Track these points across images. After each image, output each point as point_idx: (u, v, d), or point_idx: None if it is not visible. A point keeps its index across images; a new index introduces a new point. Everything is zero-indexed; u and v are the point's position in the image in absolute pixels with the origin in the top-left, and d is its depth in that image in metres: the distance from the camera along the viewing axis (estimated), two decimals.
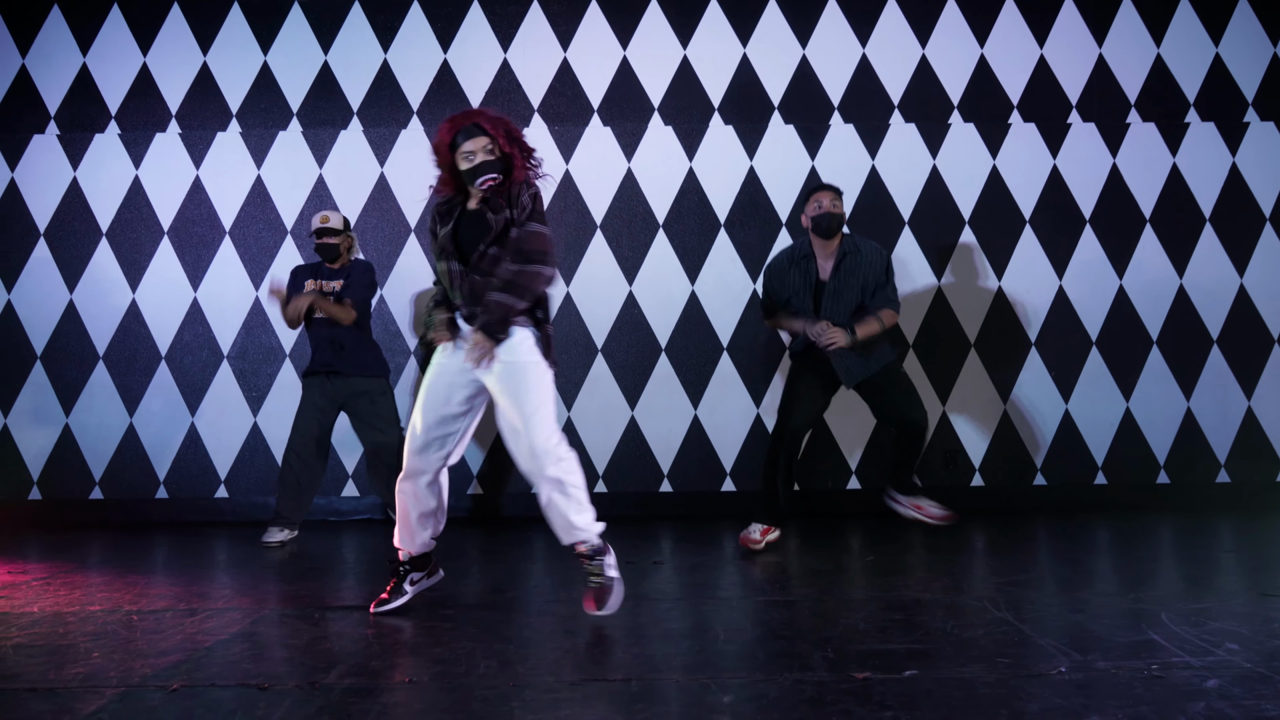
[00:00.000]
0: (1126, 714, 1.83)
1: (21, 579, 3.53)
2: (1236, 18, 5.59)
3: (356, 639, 2.53)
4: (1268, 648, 2.28)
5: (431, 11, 5.55)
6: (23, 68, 5.48)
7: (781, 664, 2.25)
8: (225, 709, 1.94)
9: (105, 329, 5.38)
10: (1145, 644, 2.34)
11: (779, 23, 5.57)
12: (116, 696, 2.03)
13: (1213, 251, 5.45)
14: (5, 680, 2.17)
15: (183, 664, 2.29)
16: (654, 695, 2.03)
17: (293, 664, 2.29)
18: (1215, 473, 5.36)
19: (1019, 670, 2.14)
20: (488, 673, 2.20)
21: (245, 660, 2.33)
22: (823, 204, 4.00)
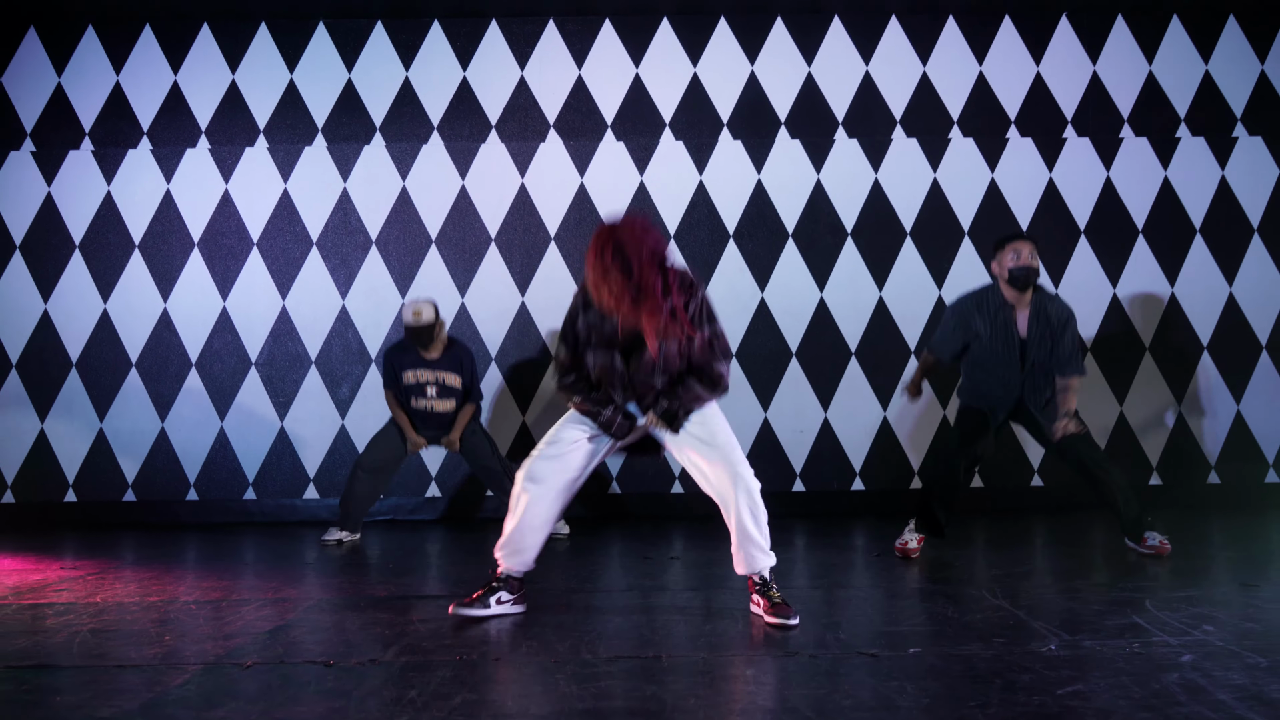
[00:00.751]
0: (1108, 683, 2.04)
1: (76, 574, 3.74)
2: (1225, 36, 5.82)
3: (404, 624, 2.74)
4: (1241, 629, 2.49)
5: (451, 31, 5.78)
6: (59, 86, 5.70)
7: (799, 643, 2.46)
8: (299, 681, 2.16)
9: (138, 337, 5.60)
10: (1129, 626, 2.55)
11: (785, 41, 5.79)
12: (199, 671, 2.24)
13: (1201, 261, 5.67)
14: (93, 659, 2.38)
15: (250, 645, 2.50)
16: (682, 669, 2.24)
17: (350, 644, 2.50)
18: (1206, 474, 5.57)
19: (1013, 648, 2.35)
20: (530, 651, 2.41)
21: (306, 641, 2.54)
22: (1021, 255, 3.81)
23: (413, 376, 4.72)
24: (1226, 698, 1.93)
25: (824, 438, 5.57)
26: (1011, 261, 3.83)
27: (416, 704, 1.97)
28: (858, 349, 5.61)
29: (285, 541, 4.69)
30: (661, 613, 2.89)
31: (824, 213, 5.68)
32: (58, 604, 3.11)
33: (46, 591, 3.35)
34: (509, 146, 5.71)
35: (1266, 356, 5.65)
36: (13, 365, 5.55)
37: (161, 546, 4.56)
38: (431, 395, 4.72)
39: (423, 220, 5.65)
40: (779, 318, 5.62)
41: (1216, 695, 1.95)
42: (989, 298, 3.94)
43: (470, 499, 5.53)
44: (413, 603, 3.08)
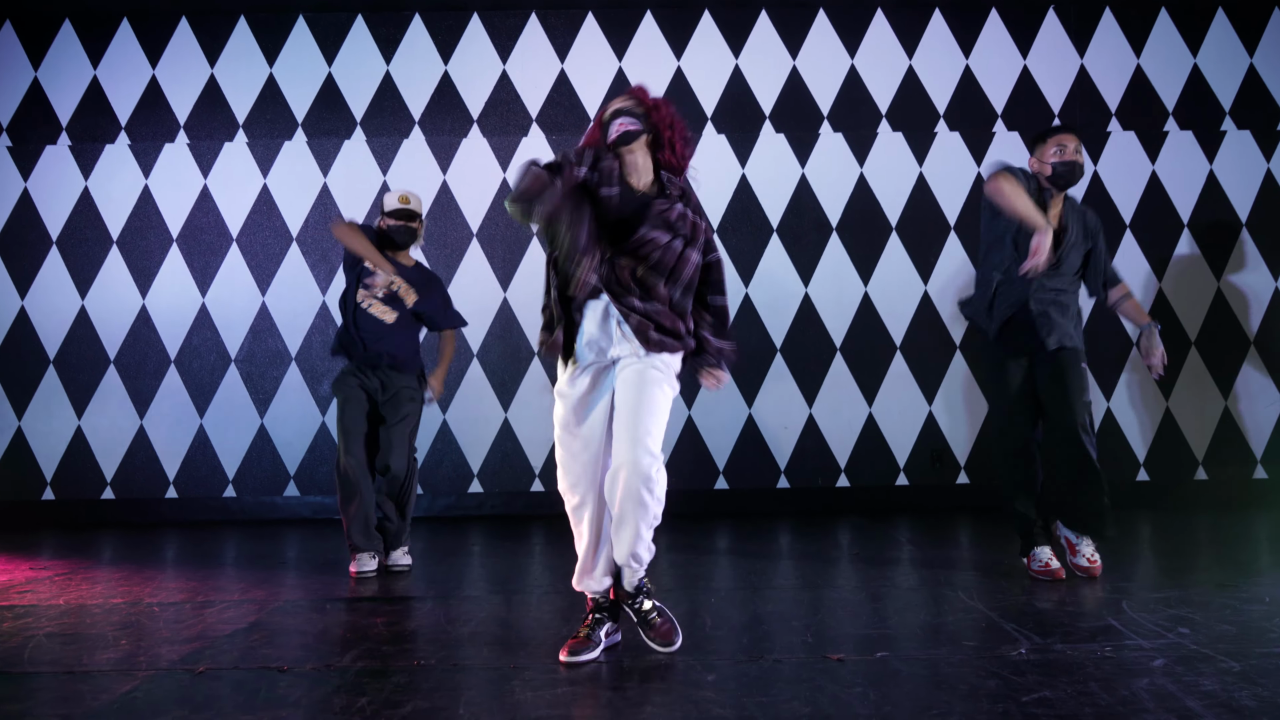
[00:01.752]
0: (1075, 690, 1.99)
1: (43, 575, 3.69)
2: (1214, 29, 5.76)
3: (366, 627, 2.70)
4: (1215, 632, 2.45)
5: (433, 24, 5.72)
6: (35, 80, 5.64)
7: (763, 647, 2.42)
8: (250, 688, 2.11)
9: (116, 334, 5.54)
10: (1103, 629, 2.51)
11: (770, 35, 5.74)
12: (148, 679, 2.20)
13: (1190, 255, 5.63)
14: (43, 665, 2.33)
15: (206, 650, 2.45)
16: (646, 674, 2.20)
17: (308, 649, 2.46)
18: (1193, 470, 5.53)
19: (982, 652, 2.31)
20: (491, 656, 2.36)
21: (263, 646, 2.49)
22: (1067, 149, 3.37)
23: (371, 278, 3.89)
24: (1195, 705, 1.89)
25: (809, 434, 5.53)
26: (1055, 156, 3.38)
27: (365, 712, 1.92)
28: (843, 345, 5.56)
29: (264, 541, 4.64)
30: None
31: (809, 207, 5.63)
32: (19, 606, 3.06)
33: (10, 593, 3.30)
34: (491, 141, 5.65)
35: (1254, 351, 5.61)
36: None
37: (137, 546, 4.52)
38: (377, 293, 3.88)
39: None
40: (763, 313, 5.57)
41: (1185, 702, 1.90)
42: (1030, 184, 3.36)
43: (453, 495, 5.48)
44: (380, 605, 3.03)
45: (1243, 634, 2.43)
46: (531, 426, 5.48)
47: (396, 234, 3.96)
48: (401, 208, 3.96)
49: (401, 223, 3.95)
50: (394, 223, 3.96)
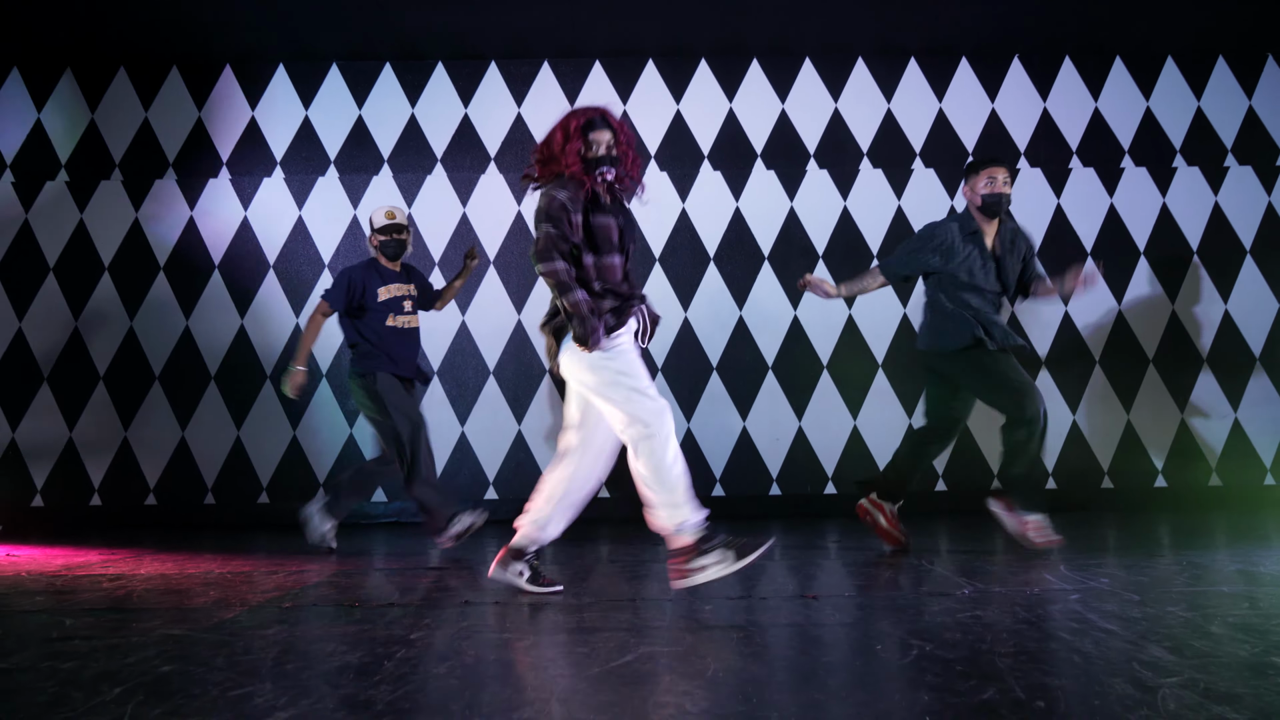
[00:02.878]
0: (1002, 610, 2.47)
1: (115, 558, 4.15)
2: (1164, 76, 6.34)
3: (415, 582, 3.16)
4: (1129, 581, 2.92)
5: (454, 72, 6.29)
6: (91, 122, 6.19)
7: (757, 591, 2.88)
8: (330, 615, 2.58)
9: (161, 353, 6.03)
10: (1036, 579, 2.98)
11: (760, 81, 6.31)
12: (245, 611, 2.66)
13: (1147, 280, 6.15)
14: (153, 604, 2.80)
15: (284, 596, 2.92)
16: (652, 607, 2.67)
17: (371, 592, 2.92)
18: (1153, 478, 6.01)
19: (933, 593, 2.78)
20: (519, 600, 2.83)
21: (334, 593, 2.96)
22: (996, 181, 3.80)
23: (386, 292, 4.41)
24: (1093, 616, 2.36)
25: (798, 445, 6.00)
26: (986, 188, 3.81)
27: (430, 627, 2.39)
28: (829, 362, 6.06)
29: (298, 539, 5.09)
30: (641, 580, 3.30)
31: (797, 238, 6.16)
32: (108, 574, 3.52)
33: (93, 568, 3.76)
34: (506, 177, 6.19)
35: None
36: (45, 378, 5.97)
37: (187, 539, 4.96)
38: (408, 309, 4.49)
39: (427, 245, 6.12)
40: (756, 334, 6.07)
41: (1086, 615, 2.38)
42: (965, 225, 3.94)
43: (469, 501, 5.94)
44: (424, 570, 3.49)
45: (1152, 582, 2.91)
46: (543, 437, 5.96)
47: (387, 248, 4.43)
48: (389, 223, 4.43)
49: (390, 236, 4.42)
50: (384, 238, 4.42)
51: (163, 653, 2.10)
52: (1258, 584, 2.85)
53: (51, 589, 3.19)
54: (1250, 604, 2.48)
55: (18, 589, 3.19)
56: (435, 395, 5.99)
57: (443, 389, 6.00)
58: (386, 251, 4.43)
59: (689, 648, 2.13)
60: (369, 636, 2.29)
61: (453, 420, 5.95)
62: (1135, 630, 2.17)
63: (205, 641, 2.23)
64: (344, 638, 2.28)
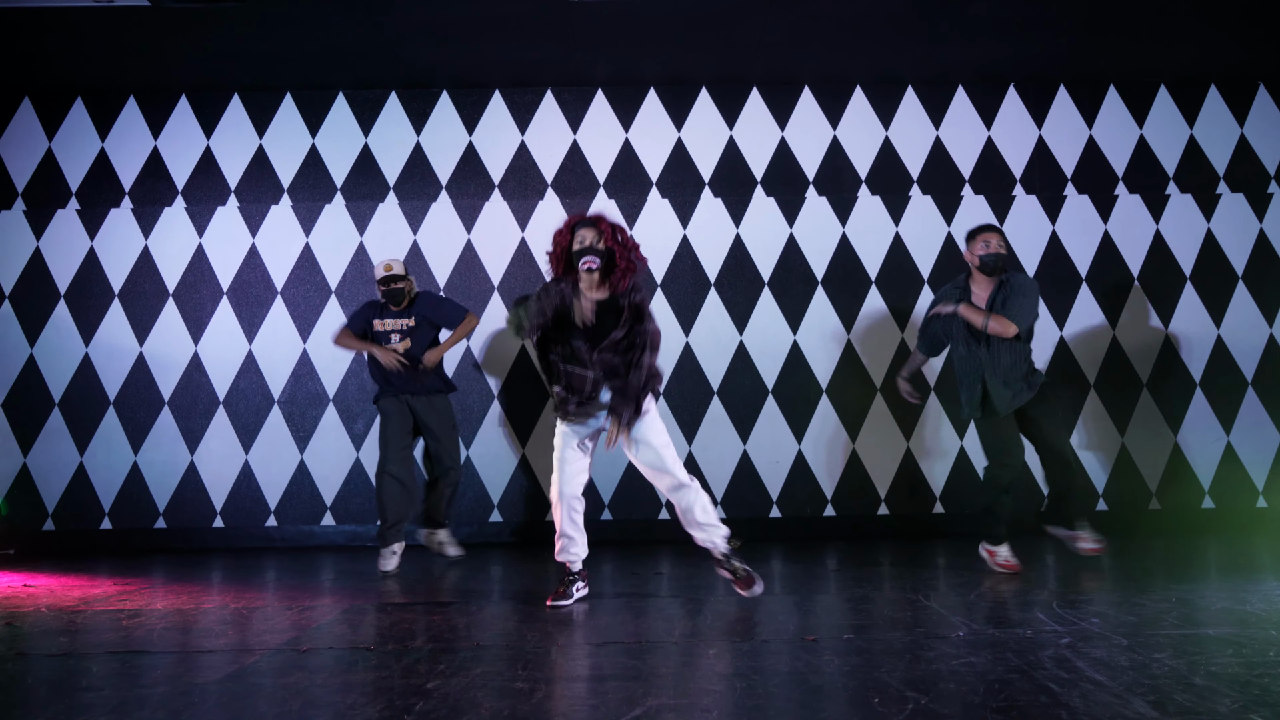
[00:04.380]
0: (993, 656, 2.57)
1: (130, 588, 4.24)
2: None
3: (427, 621, 3.25)
4: (1121, 622, 3.02)
5: (458, 100, 6.39)
6: (102, 150, 6.29)
7: (755, 632, 2.98)
8: (346, 661, 2.67)
9: (170, 378, 6.13)
10: (1029, 619, 3.08)
11: (760, 109, 6.42)
12: (266, 654, 2.76)
13: (1140, 306, 6.26)
14: (171, 646, 2.89)
15: (301, 637, 3.01)
16: (656, 651, 2.76)
17: (385, 635, 3.02)
18: (1147, 500, 6.11)
19: (928, 634, 2.88)
20: (533, 638, 2.93)
21: (349, 634, 3.05)
22: (990, 243, 4.37)
23: (380, 325, 5.11)
24: (1082, 665, 2.46)
25: (798, 468, 6.10)
26: (982, 249, 4.38)
27: (445, 674, 2.49)
28: (828, 387, 6.16)
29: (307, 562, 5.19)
30: (643, 613, 3.40)
31: (796, 263, 6.26)
32: (125, 609, 3.62)
33: (111, 601, 3.86)
34: (510, 204, 6.30)
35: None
36: (56, 403, 6.07)
37: (198, 567, 5.06)
38: (395, 341, 5.06)
39: (432, 271, 6.22)
40: (756, 359, 6.18)
41: (1075, 663, 2.47)
42: (958, 284, 4.52)
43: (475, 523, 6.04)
44: (434, 605, 3.58)
45: (1141, 623, 3.00)
46: (546, 462, 6.05)
47: (390, 298, 5.08)
48: (386, 275, 5.06)
49: (388, 287, 5.05)
50: (384, 289, 5.07)
51: (190, 704, 2.20)
52: (1245, 625, 2.94)
53: (72, 627, 3.28)
54: (1235, 650, 2.58)
55: (41, 628, 3.29)
56: None
57: None
58: (388, 300, 5.11)
59: (693, 700, 2.23)
60: (387, 686, 2.39)
61: None
62: (1122, 681, 2.27)
63: (231, 692, 2.33)
64: (363, 687, 2.38)
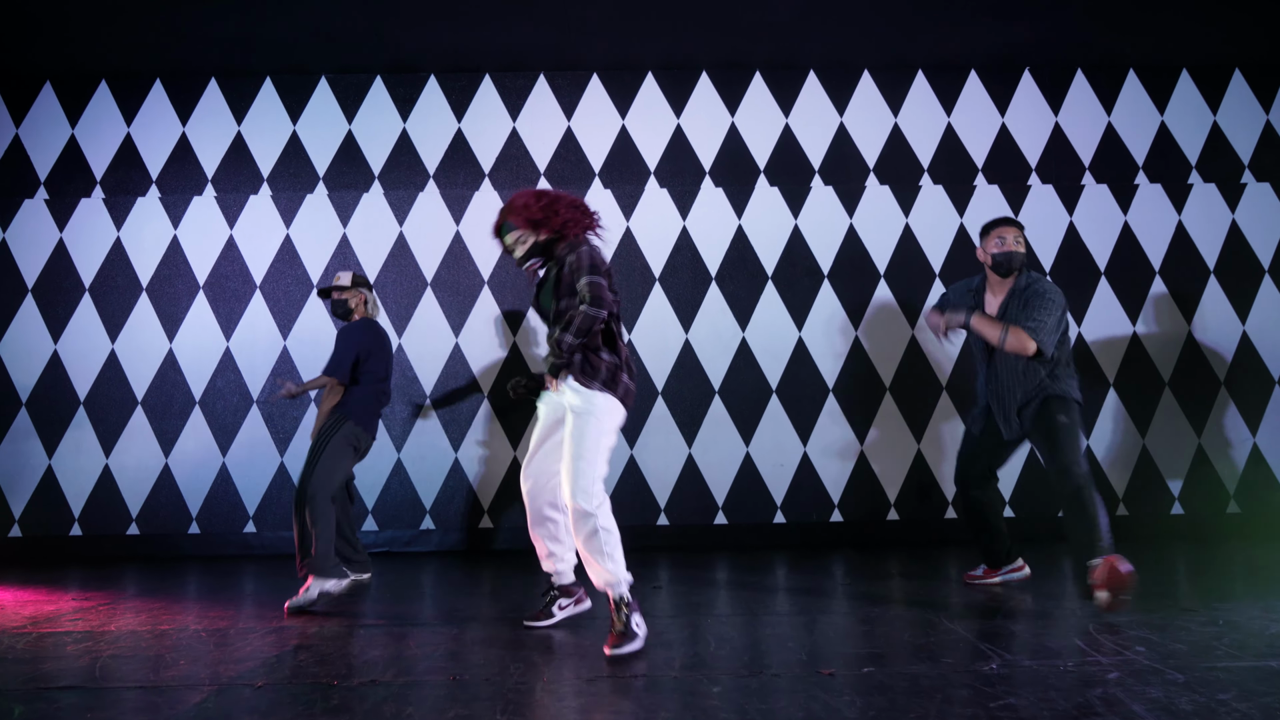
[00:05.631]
0: (1036, 697, 2.27)
1: (88, 604, 3.94)
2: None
3: (401, 647, 2.96)
4: (1169, 650, 2.73)
5: (447, 85, 6.08)
6: (72, 137, 5.98)
7: (763, 664, 2.69)
8: (306, 699, 2.37)
9: (144, 376, 5.83)
10: (1068, 647, 2.78)
11: (763, 94, 6.11)
12: (213, 692, 2.46)
13: (1162, 301, 5.96)
14: (116, 681, 2.59)
15: (259, 668, 2.71)
16: (657, 687, 2.47)
17: (353, 666, 2.72)
18: (1170, 505, 5.82)
19: (957, 667, 2.58)
20: (518, 672, 2.63)
21: (312, 664, 2.75)
22: (1006, 240, 3.83)
23: None
24: (1140, 709, 2.16)
25: (803, 471, 5.81)
26: (996, 247, 3.84)
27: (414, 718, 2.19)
28: (835, 386, 5.86)
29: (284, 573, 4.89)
30: None
31: (801, 256, 5.96)
32: (74, 633, 3.32)
33: (61, 621, 3.56)
34: (501, 194, 5.99)
35: (1225, 391, 5.91)
36: (23, 403, 5.76)
37: (170, 578, 4.76)
38: None
39: (419, 264, 5.92)
40: (759, 356, 5.88)
41: (1131, 706, 2.18)
42: (972, 286, 4.03)
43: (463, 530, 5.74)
44: (408, 629, 3.29)
45: (1192, 651, 2.71)
46: None
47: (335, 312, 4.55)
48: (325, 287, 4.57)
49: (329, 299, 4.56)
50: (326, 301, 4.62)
51: None
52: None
53: (12, 654, 2.98)
54: None
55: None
56: (428, 421, 5.79)
57: (436, 414, 5.80)
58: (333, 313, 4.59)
59: None
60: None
61: (446, 446, 5.74)
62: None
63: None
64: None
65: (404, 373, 5.82)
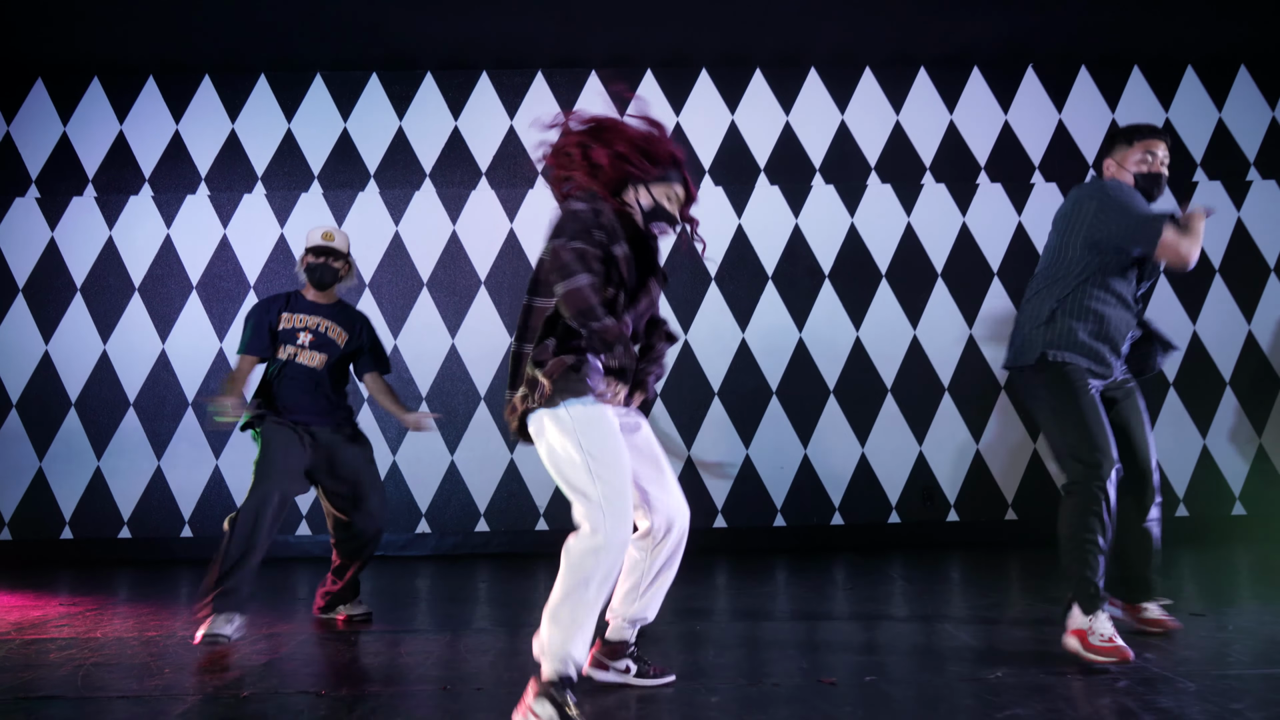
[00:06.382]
0: (1044, 707, 2.20)
1: (75, 610, 3.87)
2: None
3: (392, 656, 2.89)
4: (1177, 657, 2.65)
5: (443, 82, 6.01)
6: (64, 135, 5.91)
7: (762, 672, 2.61)
8: (293, 710, 2.30)
9: (136, 378, 5.75)
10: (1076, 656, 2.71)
11: (764, 92, 6.04)
12: (197, 703, 2.39)
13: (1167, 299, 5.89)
14: (97, 690, 2.52)
15: (246, 676, 2.64)
16: (653, 697, 2.39)
17: (341, 676, 2.65)
18: (1175, 507, 5.74)
19: (963, 676, 2.51)
20: (510, 681, 2.56)
21: (300, 672, 2.68)
22: (1156, 157, 2.91)
23: (288, 320, 3.59)
24: (1151, 719, 2.09)
25: (804, 473, 5.73)
26: (1141, 164, 2.92)
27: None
28: (836, 387, 5.79)
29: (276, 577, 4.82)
30: None
31: (802, 256, 5.89)
32: (59, 639, 3.25)
33: (47, 627, 3.49)
34: (499, 193, 5.92)
35: (1230, 391, 5.84)
36: (13, 405, 5.69)
37: (160, 583, 4.69)
38: (302, 342, 3.57)
39: (415, 264, 5.85)
40: (759, 357, 5.80)
41: (1142, 717, 2.11)
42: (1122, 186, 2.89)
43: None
44: (400, 636, 3.22)
45: (1203, 658, 2.63)
46: (536, 467, 5.68)
47: (317, 277, 3.61)
48: (324, 244, 3.62)
49: (322, 260, 3.62)
50: (314, 260, 3.61)
51: None
52: None
53: None
54: None
55: None
56: None
57: None
58: (313, 276, 3.63)
59: None
60: None
61: (442, 449, 5.67)
62: None
63: None
64: None
65: (400, 374, 5.74)
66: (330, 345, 3.64)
